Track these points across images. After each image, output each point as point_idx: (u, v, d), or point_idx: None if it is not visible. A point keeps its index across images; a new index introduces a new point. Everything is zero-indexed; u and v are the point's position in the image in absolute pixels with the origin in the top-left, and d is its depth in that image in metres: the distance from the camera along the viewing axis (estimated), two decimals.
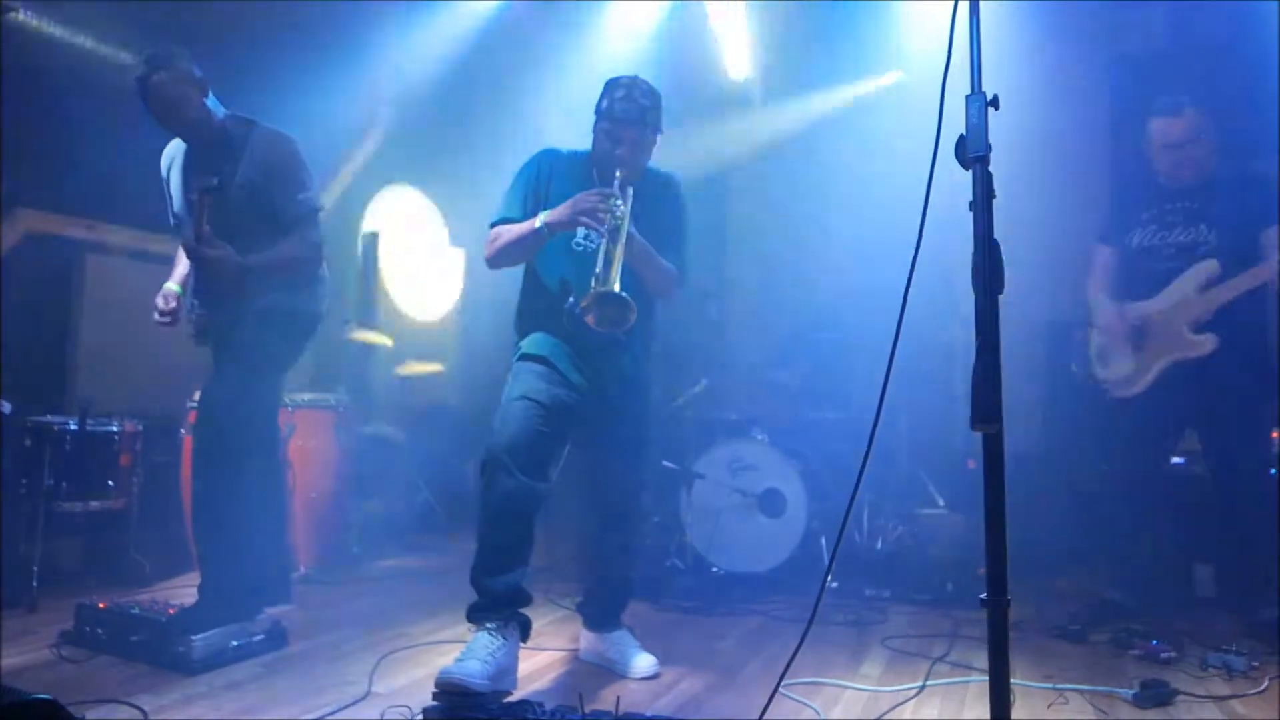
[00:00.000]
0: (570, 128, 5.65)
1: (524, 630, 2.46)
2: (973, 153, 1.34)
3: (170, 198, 3.18)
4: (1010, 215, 1.62)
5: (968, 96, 1.36)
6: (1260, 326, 3.11)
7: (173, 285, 3.22)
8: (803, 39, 5.67)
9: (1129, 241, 3.31)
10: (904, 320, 1.58)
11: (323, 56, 4.97)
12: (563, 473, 4.86)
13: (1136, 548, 3.28)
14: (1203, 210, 3.16)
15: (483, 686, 2.18)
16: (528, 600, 2.48)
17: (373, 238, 5.68)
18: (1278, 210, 3.07)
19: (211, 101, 2.99)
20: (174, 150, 3.17)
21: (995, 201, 1.38)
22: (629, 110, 2.54)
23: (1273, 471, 3.41)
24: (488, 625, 2.36)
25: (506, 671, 2.33)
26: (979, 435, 1.35)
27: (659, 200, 2.68)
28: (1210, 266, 3.08)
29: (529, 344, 2.61)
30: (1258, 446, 3.17)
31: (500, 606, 2.39)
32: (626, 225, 2.40)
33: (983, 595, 1.31)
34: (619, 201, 2.42)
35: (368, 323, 5.15)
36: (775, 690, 1.85)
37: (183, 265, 3.21)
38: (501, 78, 5.91)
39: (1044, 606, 3.35)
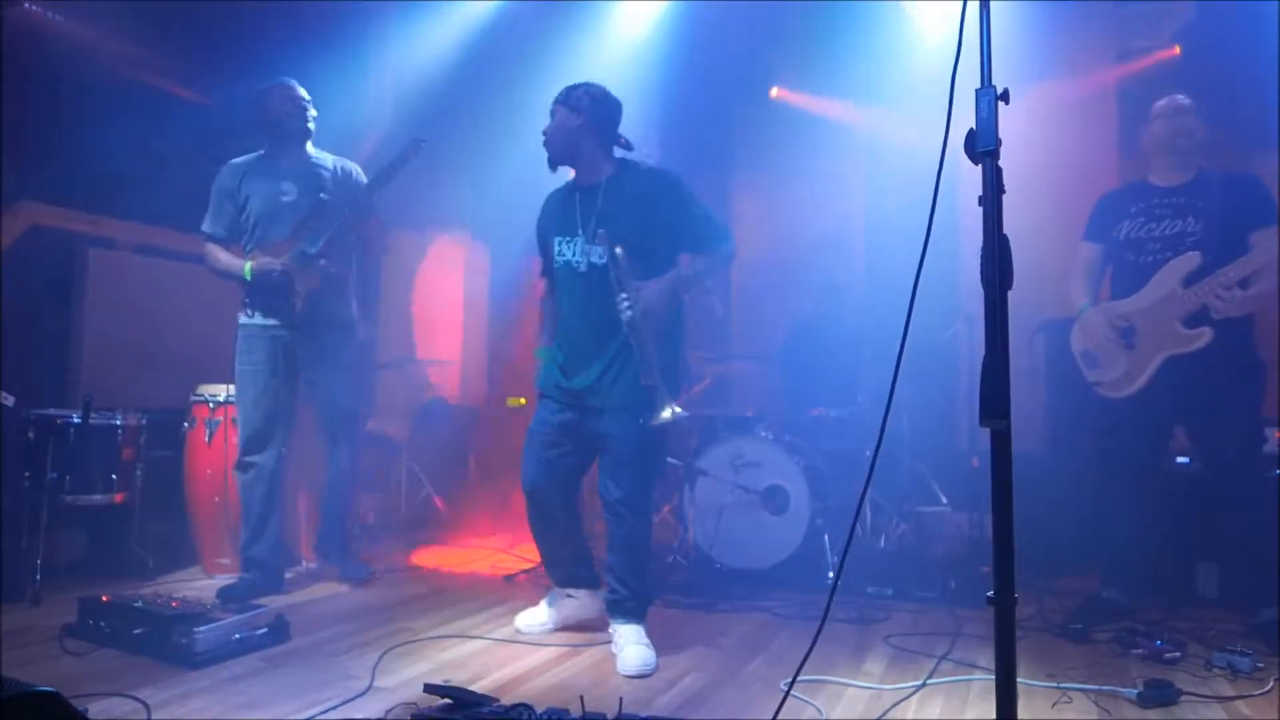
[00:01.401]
0: None
1: (590, 583, 3.03)
2: (982, 147, 1.33)
3: (242, 205, 3.49)
4: (1014, 211, 1.61)
5: (978, 90, 1.35)
6: (1246, 321, 3.10)
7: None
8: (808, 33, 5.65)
9: (1116, 235, 3.31)
10: (909, 317, 1.57)
11: (325, 55, 4.97)
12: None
13: (1138, 546, 3.28)
14: (1190, 204, 3.17)
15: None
16: (589, 579, 3.03)
17: None
18: (1269, 211, 3.08)
19: None
20: (246, 164, 3.55)
21: (1004, 197, 1.37)
22: (558, 95, 2.88)
23: (1277, 472, 3.40)
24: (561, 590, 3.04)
25: (566, 619, 3.03)
26: (982, 433, 1.34)
27: (652, 199, 2.81)
28: (1193, 258, 3.07)
29: (538, 379, 3.01)
30: (1248, 443, 3.17)
31: (565, 584, 3.03)
32: (641, 324, 2.67)
33: (989, 593, 1.30)
34: (625, 299, 2.68)
35: None
36: (785, 696, 1.84)
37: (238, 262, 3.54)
38: (507, 75, 5.90)
39: (1046, 605, 3.34)
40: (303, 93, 3.54)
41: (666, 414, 2.64)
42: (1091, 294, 3.38)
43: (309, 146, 3.60)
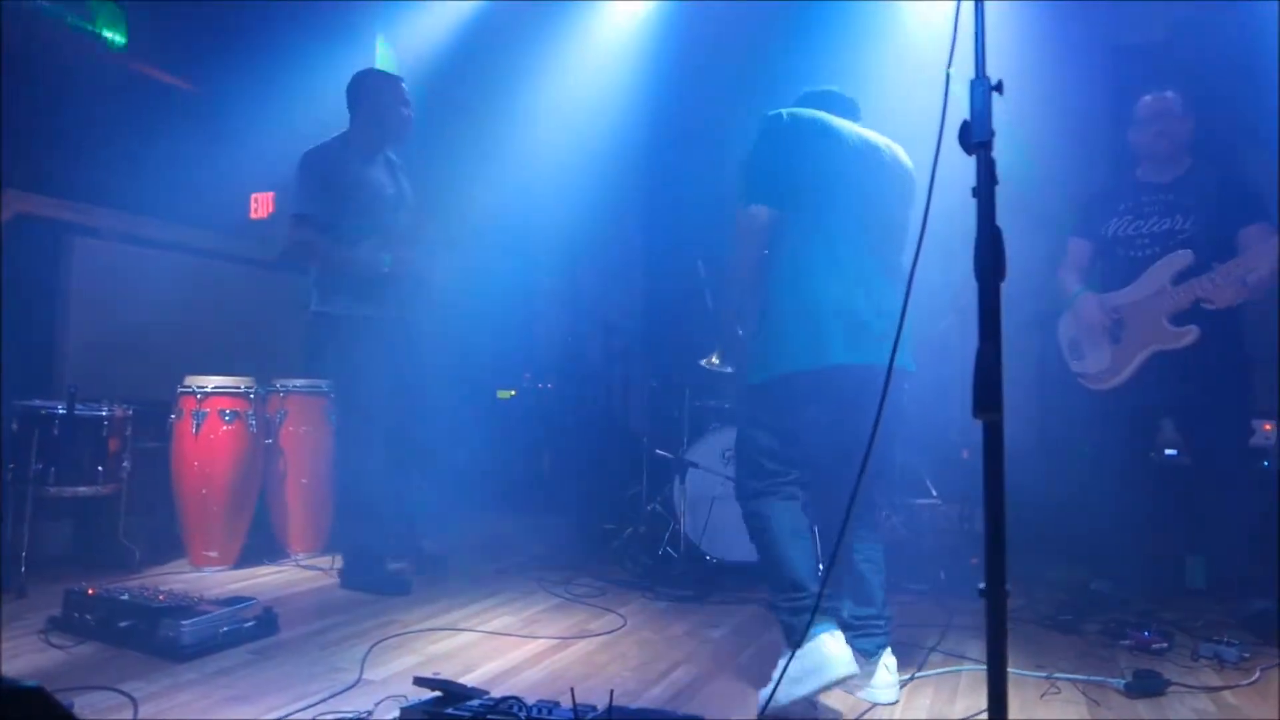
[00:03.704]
0: (563, 125, 5.61)
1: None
2: (976, 138, 1.32)
3: (343, 191, 3.37)
4: (1006, 204, 1.60)
5: (971, 81, 1.34)
6: (1235, 317, 3.12)
7: None
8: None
9: (1105, 232, 3.32)
10: (905, 308, 1.56)
11: (317, 44, 4.93)
12: (565, 464, 4.82)
13: (1126, 538, 3.30)
14: (1179, 201, 3.18)
15: None
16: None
17: None
18: (1258, 207, 3.09)
19: None
20: (336, 148, 3.44)
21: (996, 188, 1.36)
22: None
23: (1265, 464, 3.42)
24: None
25: None
26: (972, 425, 1.34)
27: None
28: (1184, 256, 3.08)
29: None
30: (1236, 437, 3.19)
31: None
32: None
33: (980, 585, 1.30)
34: None
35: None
36: (775, 687, 1.84)
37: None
38: (493, 74, 5.86)
39: (1035, 596, 3.36)
40: (408, 93, 3.52)
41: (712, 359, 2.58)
42: (1083, 284, 3.39)
43: None
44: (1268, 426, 3.53)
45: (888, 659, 2.33)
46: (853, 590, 2.40)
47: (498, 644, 2.76)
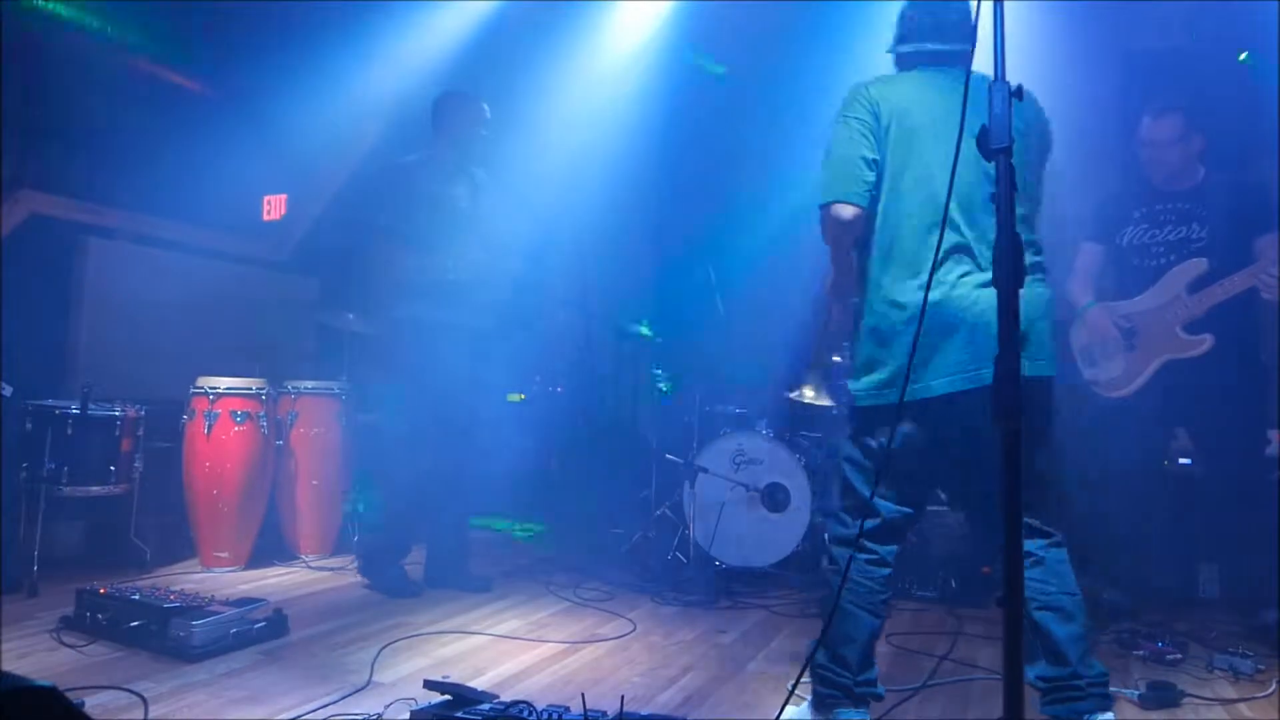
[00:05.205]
0: (575, 129, 5.60)
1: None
2: (996, 143, 1.31)
3: (422, 205, 3.42)
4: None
5: (991, 85, 1.33)
6: (1251, 326, 3.10)
7: None
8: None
9: (1120, 239, 3.31)
10: (922, 313, 1.55)
11: (325, 47, 4.94)
12: (575, 468, 4.81)
13: (1139, 548, 3.27)
14: (1194, 210, 3.17)
15: None
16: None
17: None
18: (1275, 215, 3.07)
19: None
20: (419, 163, 3.53)
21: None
22: None
23: (1278, 474, 3.40)
24: None
25: None
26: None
27: None
28: (1199, 264, 3.07)
29: None
30: (1250, 447, 3.17)
31: None
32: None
33: (998, 595, 1.29)
34: None
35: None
36: (790, 695, 1.83)
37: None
38: (505, 76, 5.87)
39: None
40: (488, 114, 3.62)
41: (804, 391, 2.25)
42: (1094, 294, 3.37)
43: None
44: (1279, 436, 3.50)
45: None
46: (1034, 646, 1.94)
47: (507, 647, 2.76)
